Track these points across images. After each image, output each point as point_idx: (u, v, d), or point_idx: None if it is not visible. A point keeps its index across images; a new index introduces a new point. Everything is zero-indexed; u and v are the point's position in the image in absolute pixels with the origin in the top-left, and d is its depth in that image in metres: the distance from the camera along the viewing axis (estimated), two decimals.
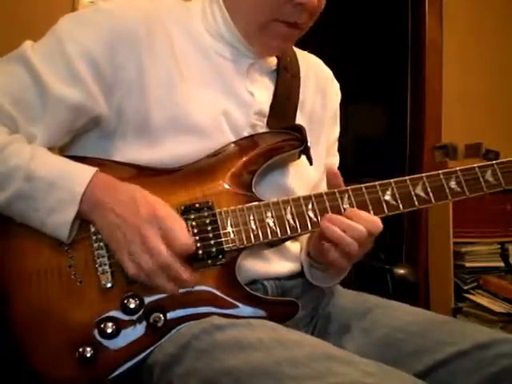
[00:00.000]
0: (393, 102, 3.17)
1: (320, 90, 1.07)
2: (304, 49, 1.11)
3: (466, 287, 2.48)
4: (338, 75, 1.14)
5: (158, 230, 0.76)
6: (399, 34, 2.96)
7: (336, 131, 1.12)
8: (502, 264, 2.51)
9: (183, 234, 0.77)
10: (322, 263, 0.92)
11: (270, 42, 0.92)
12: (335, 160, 1.13)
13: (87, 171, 0.80)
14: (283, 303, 0.86)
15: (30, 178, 0.78)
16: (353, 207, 0.87)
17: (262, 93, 0.96)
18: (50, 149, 0.85)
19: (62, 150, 0.92)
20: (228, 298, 0.82)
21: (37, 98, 0.83)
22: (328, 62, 1.14)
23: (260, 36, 0.91)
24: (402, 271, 1.79)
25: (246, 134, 0.93)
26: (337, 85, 1.13)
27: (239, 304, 0.82)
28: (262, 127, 0.95)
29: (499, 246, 2.54)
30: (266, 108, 0.96)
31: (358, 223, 0.83)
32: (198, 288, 0.81)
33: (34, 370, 0.77)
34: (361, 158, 3.13)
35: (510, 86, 2.85)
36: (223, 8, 0.93)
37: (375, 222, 0.85)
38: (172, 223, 0.77)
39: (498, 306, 2.32)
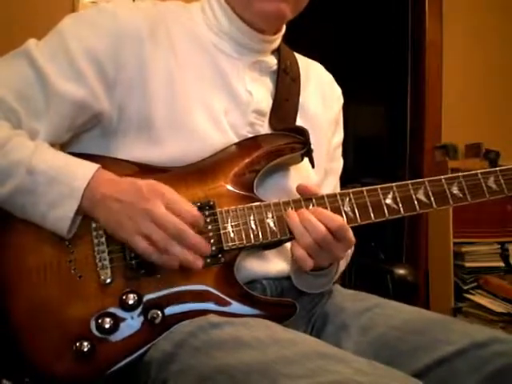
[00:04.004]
0: (393, 102, 3.17)
1: (320, 94, 1.07)
2: (303, 48, 1.11)
3: (466, 287, 2.48)
4: (337, 75, 1.13)
5: (163, 205, 0.77)
6: (399, 34, 2.96)
7: (339, 136, 1.11)
8: (502, 264, 2.52)
9: (188, 204, 0.79)
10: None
11: (265, 6, 0.91)
12: (338, 165, 1.11)
13: (89, 167, 0.81)
14: (281, 304, 0.86)
15: (32, 172, 0.78)
16: (353, 210, 0.87)
17: (261, 92, 0.97)
18: (52, 145, 0.85)
19: (65, 148, 0.92)
20: (226, 297, 0.82)
21: (40, 93, 0.84)
22: (328, 63, 1.14)
23: (255, 3, 0.91)
24: (401, 271, 1.79)
25: (245, 132, 0.93)
26: (338, 89, 1.13)
27: (237, 303, 0.82)
28: (261, 126, 0.95)
29: (499, 246, 2.54)
30: (265, 107, 0.96)
31: (318, 220, 0.83)
32: (196, 286, 0.82)
33: (32, 363, 0.77)
34: (361, 158, 3.14)
35: (510, 86, 2.85)
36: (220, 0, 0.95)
37: (333, 217, 0.84)
38: (176, 196, 0.79)
39: (497, 306, 2.32)
